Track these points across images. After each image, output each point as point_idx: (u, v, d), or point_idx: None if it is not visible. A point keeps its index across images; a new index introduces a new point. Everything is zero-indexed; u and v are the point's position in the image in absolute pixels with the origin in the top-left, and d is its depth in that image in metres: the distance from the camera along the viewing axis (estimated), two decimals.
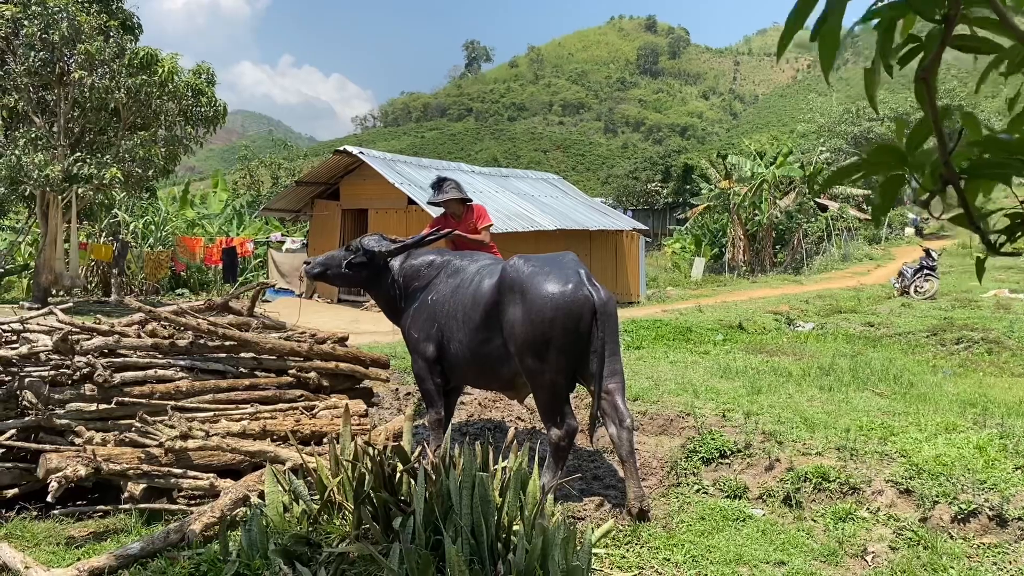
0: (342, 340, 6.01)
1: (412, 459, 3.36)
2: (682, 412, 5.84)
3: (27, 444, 4.35)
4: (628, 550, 3.81)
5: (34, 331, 4.94)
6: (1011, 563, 3.73)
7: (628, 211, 37.50)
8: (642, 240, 20.52)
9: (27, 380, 4.45)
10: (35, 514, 4.18)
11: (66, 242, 15.00)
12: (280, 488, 3.51)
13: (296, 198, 19.11)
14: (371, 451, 3.32)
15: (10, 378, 4.51)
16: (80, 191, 14.38)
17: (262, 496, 3.74)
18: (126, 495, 4.23)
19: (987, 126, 1.08)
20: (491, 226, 6.14)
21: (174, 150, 14.94)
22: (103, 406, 4.56)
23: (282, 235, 22.92)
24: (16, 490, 4.36)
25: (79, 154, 13.75)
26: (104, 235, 19.56)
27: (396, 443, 3.76)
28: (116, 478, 4.18)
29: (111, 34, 14.02)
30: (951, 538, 3.95)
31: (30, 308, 12.42)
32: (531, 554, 2.87)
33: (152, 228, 21.75)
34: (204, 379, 5.07)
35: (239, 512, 3.92)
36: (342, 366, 5.70)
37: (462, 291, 4.73)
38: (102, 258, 17.88)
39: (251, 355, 5.36)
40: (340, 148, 17.59)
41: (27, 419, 4.44)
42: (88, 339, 4.77)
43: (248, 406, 4.98)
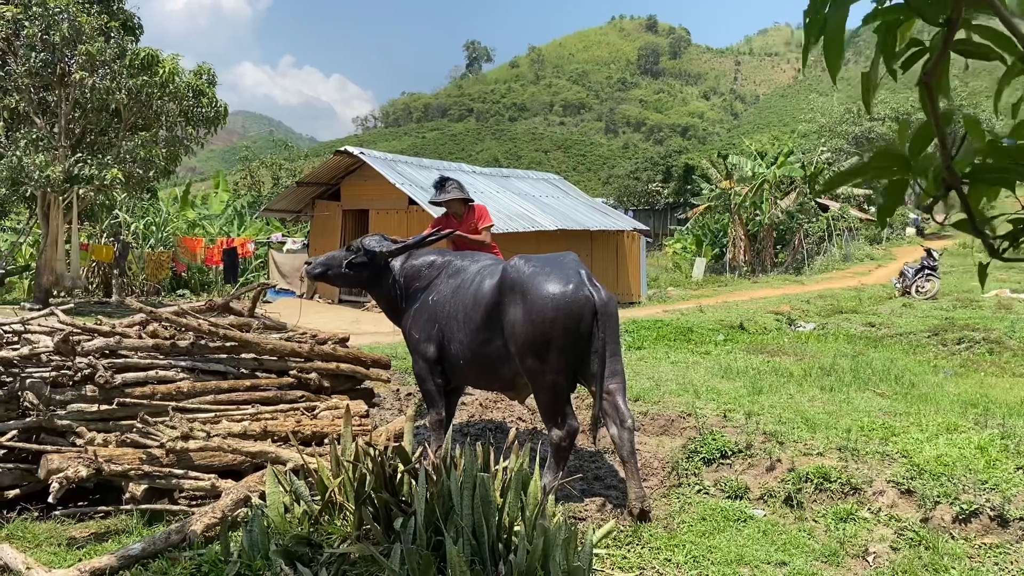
0: (343, 341, 6.01)
1: (413, 460, 3.36)
2: (683, 412, 5.84)
3: (28, 445, 4.35)
4: (629, 550, 3.81)
5: (35, 332, 4.94)
6: (1012, 563, 3.72)
7: (629, 211, 37.52)
8: (643, 240, 20.52)
9: (28, 381, 4.46)
10: (36, 515, 4.19)
11: (67, 243, 15.01)
12: (281, 489, 3.51)
13: (297, 199, 19.12)
14: (372, 452, 3.32)
15: (11, 379, 4.51)
16: (81, 192, 14.38)
17: (263, 497, 3.74)
18: (127, 496, 4.23)
19: (989, 131, 1.07)
20: (492, 226, 6.14)
21: (175, 151, 14.95)
22: (104, 407, 4.56)
23: (283, 236, 22.95)
24: (17, 491, 4.37)
25: (80, 155, 13.76)
26: (105, 236, 19.57)
27: (397, 444, 3.76)
28: (117, 479, 4.19)
29: (112, 35, 14.04)
30: (952, 538, 3.95)
31: (31, 309, 12.44)
32: (532, 555, 2.87)
33: (153, 229, 21.76)
34: (205, 380, 5.08)
35: (240, 513, 3.92)
36: (343, 367, 5.70)
37: (463, 291, 4.73)
38: (103, 259, 17.89)
39: (252, 356, 5.37)
40: (341, 149, 17.59)
41: (28, 420, 4.44)
42: (89, 340, 4.78)
43: (249, 407, 4.98)
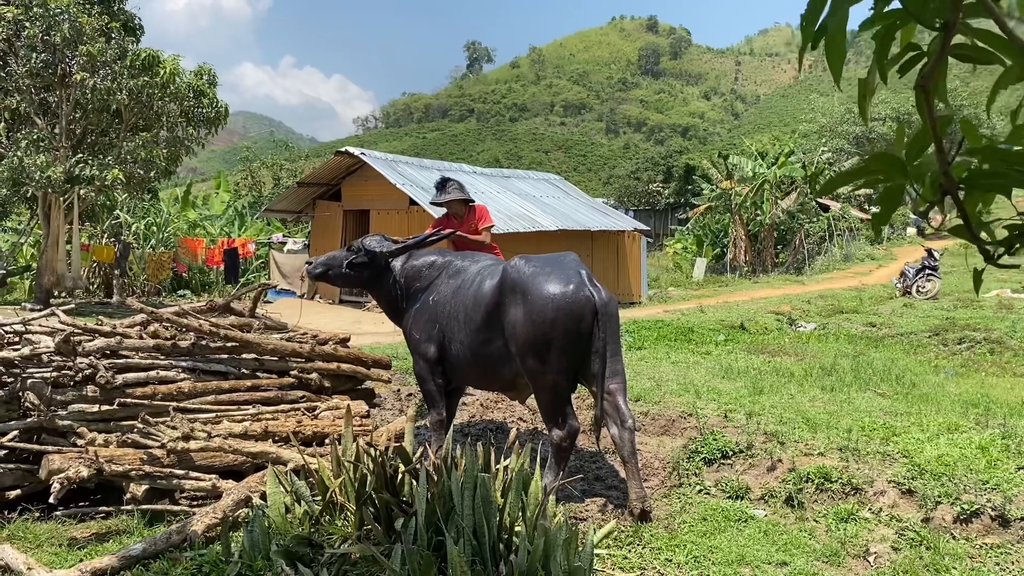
0: (344, 341, 6.01)
1: (414, 460, 3.35)
2: (684, 413, 5.84)
3: (29, 445, 4.35)
4: (630, 551, 3.81)
5: (36, 332, 4.94)
6: (1014, 563, 3.72)
7: (630, 211, 37.49)
8: (644, 240, 20.52)
9: (29, 381, 4.46)
10: (37, 515, 4.19)
11: (68, 243, 15.01)
12: (282, 489, 3.51)
13: (298, 199, 19.12)
14: (373, 452, 3.32)
15: (12, 379, 4.51)
16: (82, 192, 14.39)
17: (264, 497, 3.74)
18: (128, 496, 4.23)
19: (988, 136, 1.07)
20: (493, 227, 6.14)
21: (176, 151, 14.95)
22: (105, 407, 4.56)
23: (284, 236, 22.97)
24: (19, 491, 4.37)
25: (81, 155, 13.77)
26: (106, 236, 19.58)
27: (398, 444, 3.76)
28: (118, 479, 4.19)
29: (113, 35, 14.04)
30: (953, 539, 3.95)
31: (32, 309, 12.45)
32: (533, 555, 2.87)
33: (154, 229, 21.77)
34: (206, 380, 5.08)
35: (241, 513, 3.92)
36: (344, 367, 5.71)
37: (463, 292, 4.73)
38: (104, 259, 17.90)
39: (253, 356, 5.37)
40: (342, 149, 17.58)
41: (29, 420, 4.44)
42: (90, 340, 4.78)
43: (250, 407, 4.98)
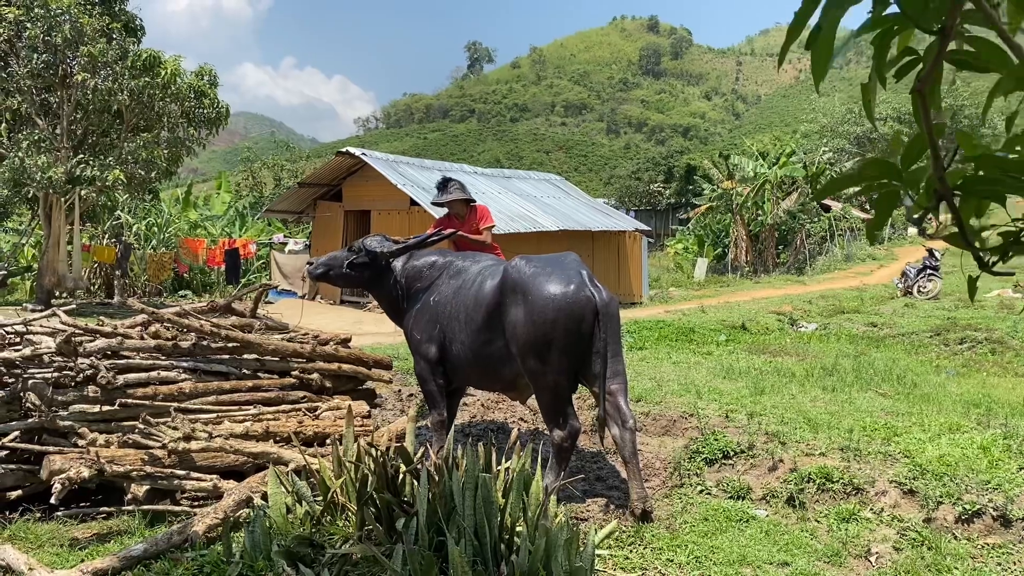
0: (345, 341, 6.02)
1: (415, 460, 3.35)
2: (685, 413, 5.83)
3: (31, 446, 4.35)
4: (631, 551, 3.81)
5: (37, 333, 4.95)
6: (1015, 563, 3.72)
7: (631, 212, 37.50)
8: (645, 241, 20.51)
9: (30, 382, 4.46)
10: (39, 516, 4.19)
11: (69, 244, 15.02)
12: (283, 489, 3.51)
13: (299, 199, 19.12)
14: (374, 452, 3.32)
15: (14, 380, 4.51)
16: (83, 193, 14.39)
17: (265, 497, 3.74)
18: (129, 497, 4.23)
19: (990, 135, 1.07)
20: (494, 227, 6.14)
21: (177, 152, 14.96)
22: (106, 408, 4.57)
23: (285, 236, 22.97)
24: (20, 492, 4.37)
25: (82, 156, 13.78)
26: (107, 237, 19.59)
27: (399, 444, 3.76)
28: (119, 480, 4.19)
29: (114, 36, 14.05)
30: (955, 539, 3.94)
31: (33, 310, 12.46)
32: (534, 555, 2.87)
33: (155, 230, 21.78)
34: (207, 380, 5.08)
35: (242, 513, 3.92)
36: (345, 367, 5.71)
37: (464, 292, 4.72)
38: (105, 260, 17.91)
39: (254, 356, 5.37)
40: (342, 149, 17.58)
41: (30, 421, 4.45)
42: (91, 341, 4.78)
43: (251, 407, 4.98)
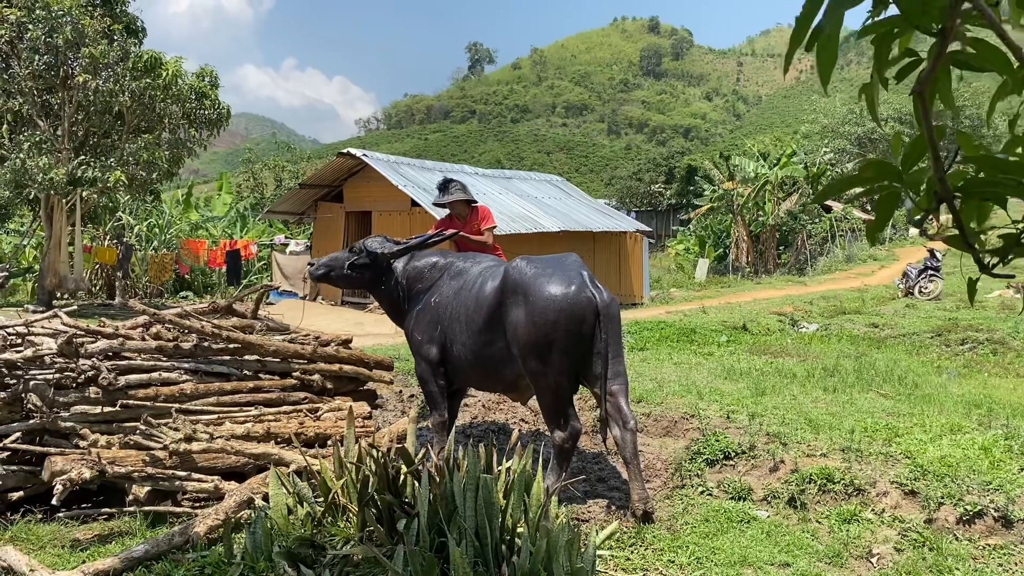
0: (346, 342, 6.02)
1: (416, 461, 3.35)
2: (686, 414, 5.83)
3: (32, 447, 4.36)
4: (632, 552, 3.80)
5: (39, 334, 4.95)
6: (1016, 564, 3.72)
7: (632, 212, 37.48)
8: (646, 241, 20.51)
9: (32, 383, 4.46)
10: (40, 517, 4.19)
11: (70, 245, 15.04)
12: (284, 490, 3.51)
13: (300, 200, 19.13)
14: (375, 453, 3.32)
15: (15, 381, 4.52)
16: (84, 194, 14.42)
17: (266, 498, 3.74)
18: (131, 498, 4.23)
19: (992, 135, 1.07)
20: (495, 228, 6.14)
21: (178, 153, 14.98)
22: (108, 409, 4.57)
23: (286, 237, 23.00)
24: (21, 493, 4.37)
25: (83, 157, 13.80)
26: (108, 238, 19.61)
27: (400, 445, 3.76)
28: (121, 481, 4.19)
29: (115, 37, 14.07)
30: (956, 539, 3.94)
31: (35, 311, 12.46)
32: (535, 556, 2.87)
33: (156, 231, 21.82)
34: (208, 382, 5.08)
35: (243, 514, 3.92)
36: (346, 368, 5.71)
37: (465, 293, 4.72)
38: (106, 261, 17.93)
39: (255, 357, 5.37)
40: (343, 151, 17.58)
41: (32, 422, 4.45)
42: (93, 342, 4.79)
43: (252, 408, 4.98)
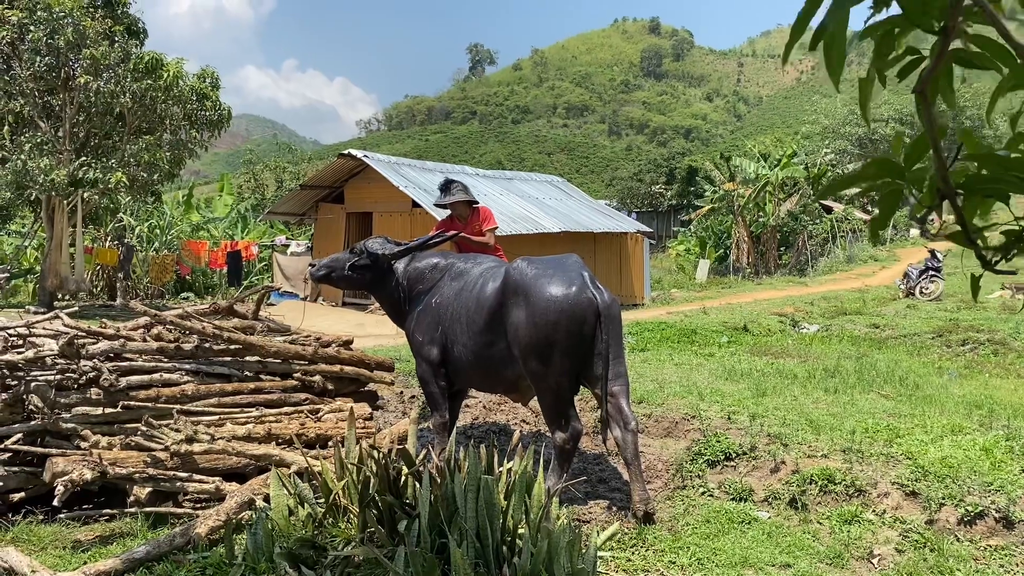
0: (347, 343, 6.02)
1: (417, 462, 3.36)
2: (687, 414, 5.83)
3: (33, 448, 4.36)
4: (633, 553, 3.80)
5: (40, 335, 4.95)
6: (1018, 565, 3.71)
7: (632, 213, 37.50)
8: (646, 242, 20.51)
9: (33, 384, 4.47)
10: (41, 518, 4.20)
11: (71, 246, 15.06)
12: (285, 491, 3.52)
13: (301, 201, 19.14)
14: (376, 454, 3.32)
15: (16, 382, 4.52)
16: (85, 195, 14.43)
17: (267, 499, 3.75)
18: (132, 499, 4.24)
19: (992, 135, 1.07)
20: (496, 229, 6.14)
21: (179, 154, 15.00)
22: (109, 410, 4.57)
23: (287, 238, 23.01)
24: (23, 494, 4.38)
25: (84, 159, 13.82)
26: (109, 239, 19.63)
27: (401, 446, 3.76)
28: (122, 482, 4.19)
29: (116, 39, 14.09)
30: (957, 540, 3.94)
31: (36, 312, 12.47)
32: (536, 557, 2.87)
33: (157, 232, 21.84)
34: (209, 383, 5.08)
35: (244, 515, 3.93)
36: (347, 369, 5.71)
37: (466, 294, 4.72)
38: (107, 262, 17.95)
39: (256, 358, 5.37)
40: (344, 152, 17.60)
41: (33, 423, 4.45)
42: (94, 343, 4.79)
43: (253, 409, 4.99)
